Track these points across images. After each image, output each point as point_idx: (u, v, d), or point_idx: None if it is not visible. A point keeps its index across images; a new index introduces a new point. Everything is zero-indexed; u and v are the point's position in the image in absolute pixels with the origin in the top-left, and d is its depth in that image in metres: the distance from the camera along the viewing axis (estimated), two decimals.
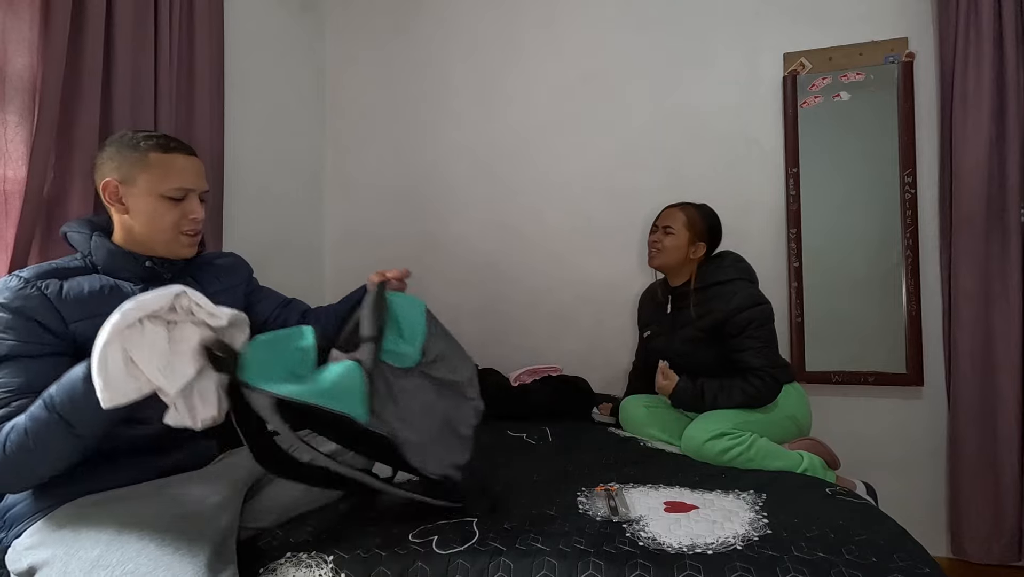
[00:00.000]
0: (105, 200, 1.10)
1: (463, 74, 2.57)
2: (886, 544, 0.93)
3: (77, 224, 1.14)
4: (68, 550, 0.89)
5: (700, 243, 1.77)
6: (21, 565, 0.92)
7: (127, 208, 1.09)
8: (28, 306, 0.97)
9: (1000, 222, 1.91)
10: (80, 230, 1.12)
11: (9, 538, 0.96)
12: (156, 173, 1.08)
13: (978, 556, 1.92)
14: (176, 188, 1.09)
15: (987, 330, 1.91)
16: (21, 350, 0.96)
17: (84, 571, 0.86)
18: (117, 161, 1.09)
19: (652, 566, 0.87)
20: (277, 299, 1.45)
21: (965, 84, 1.92)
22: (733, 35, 2.25)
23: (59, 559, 0.89)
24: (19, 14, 1.40)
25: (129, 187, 1.08)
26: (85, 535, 0.91)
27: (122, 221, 1.11)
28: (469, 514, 1.05)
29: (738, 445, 1.47)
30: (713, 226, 1.81)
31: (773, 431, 1.59)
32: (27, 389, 0.94)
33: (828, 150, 2.13)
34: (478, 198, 2.53)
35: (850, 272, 2.11)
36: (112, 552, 0.87)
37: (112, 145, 1.11)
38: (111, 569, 0.85)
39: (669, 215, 1.80)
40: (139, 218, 1.09)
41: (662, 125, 2.32)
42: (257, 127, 2.25)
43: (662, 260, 1.79)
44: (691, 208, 1.81)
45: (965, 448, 1.94)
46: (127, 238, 1.12)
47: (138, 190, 1.08)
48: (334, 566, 0.92)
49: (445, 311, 2.54)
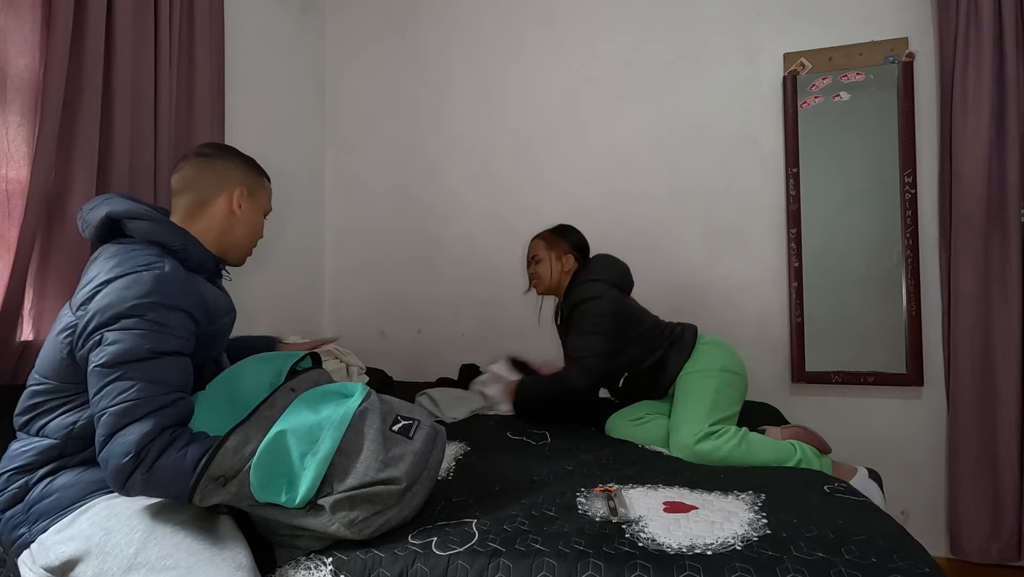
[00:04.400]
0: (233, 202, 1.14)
1: (463, 74, 2.57)
2: (886, 544, 0.93)
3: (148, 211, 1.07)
4: (103, 547, 0.89)
5: (566, 256, 1.83)
6: (52, 560, 0.91)
7: (240, 215, 1.16)
8: (188, 305, 0.98)
9: (1000, 222, 1.91)
10: (162, 219, 1.07)
11: (34, 533, 0.95)
12: (265, 194, 1.23)
13: (977, 556, 1.92)
14: (269, 211, 1.25)
15: (987, 330, 1.91)
16: (180, 347, 0.96)
17: (122, 569, 0.86)
18: (245, 174, 1.18)
19: (652, 567, 0.87)
20: None
21: (965, 84, 1.92)
22: (733, 35, 2.25)
23: (94, 555, 0.89)
24: (21, 15, 1.40)
25: (249, 199, 1.18)
26: (117, 530, 0.91)
27: (224, 223, 1.14)
28: (468, 515, 1.05)
29: (728, 441, 1.49)
30: (571, 238, 1.87)
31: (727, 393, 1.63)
32: (187, 389, 0.96)
33: (828, 150, 2.13)
34: (478, 198, 2.54)
35: (850, 272, 2.11)
36: (150, 547, 0.88)
37: (234, 158, 1.19)
38: (151, 565, 0.86)
39: (532, 246, 1.89)
40: (244, 227, 1.18)
41: (662, 125, 2.32)
42: (257, 127, 2.26)
43: (544, 286, 1.86)
44: (545, 232, 1.90)
45: (965, 448, 1.94)
46: (212, 236, 1.13)
47: (254, 204, 1.20)
48: (333, 568, 0.92)
49: (445, 311, 2.57)
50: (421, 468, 1.01)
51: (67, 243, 1.46)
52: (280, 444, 0.92)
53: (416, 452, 1.00)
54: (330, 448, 0.92)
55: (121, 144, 1.58)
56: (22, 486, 0.97)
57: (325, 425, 0.94)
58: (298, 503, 0.90)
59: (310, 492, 0.90)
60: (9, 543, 0.97)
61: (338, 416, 0.96)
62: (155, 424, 0.89)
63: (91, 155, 1.50)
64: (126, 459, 0.87)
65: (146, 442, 0.88)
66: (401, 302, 2.63)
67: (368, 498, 0.92)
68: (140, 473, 0.88)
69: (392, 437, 0.99)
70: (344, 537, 0.93)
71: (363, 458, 0.94)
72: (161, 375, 0.92)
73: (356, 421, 0.96)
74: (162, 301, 0.94)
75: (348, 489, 0.91)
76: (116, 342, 0.91)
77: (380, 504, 0.94)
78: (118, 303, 0.92)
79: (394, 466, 0.96)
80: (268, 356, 1.14)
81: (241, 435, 0.92)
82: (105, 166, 1.55)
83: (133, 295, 0.92)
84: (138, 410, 0.89)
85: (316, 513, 0.92)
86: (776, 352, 2.17)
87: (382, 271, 2.67)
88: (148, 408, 0.89)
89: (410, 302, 2.62)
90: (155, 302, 0.93)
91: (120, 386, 0.89)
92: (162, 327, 0.93)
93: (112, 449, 0.88)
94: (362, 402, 1.00)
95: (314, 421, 0.95)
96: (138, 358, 0.91)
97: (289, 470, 0.91)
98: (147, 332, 0.92)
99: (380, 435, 0.97)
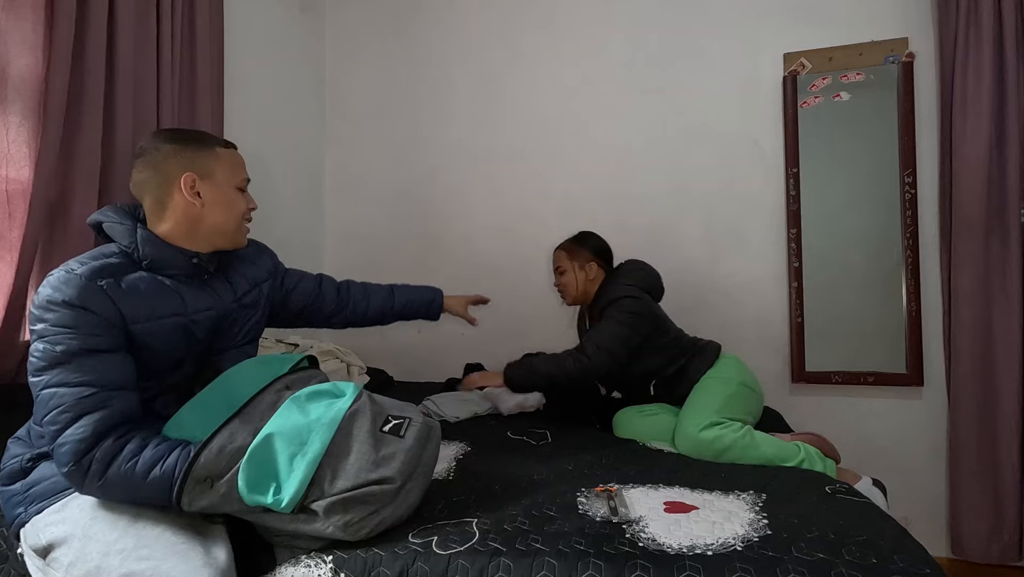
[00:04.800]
0: (184, 193, 1.07)
1: (463, 74, 2.57)
2: (886, 545, 0.93)
3: (114, 213, 1.07)
4: (86, 531, 0.91)
5: (589, 264, 1.85)
6: (39, 541, 0.94)
7: (203, 201, 1.08)
8: (92, 303, 0.94)
9: (1000, 222, 1.91)
10: (121, 220, 1.06)
11: (29, 514, 0.98)
12: (225, 166, 1.12)
13: (978, 556, 1.92)
14: (243, 179, 1.15)
15: (987, 330, 1.91)
16: (91, 344, 0.93)
17: (100, 553, 0.88)
18: (186, 157, 1.08)
19: (652, 567, 0.87)
20: (310, 281, 1.44)
21: (965, 84, 1.92)
22: (733, 35, 2.25)
23: (77, 538, 0.91)
24: (22, 16, 1.40)
25: (206, 180, 1.09)
26: (103, 518, 0.93)
27: (189, 214, 1.08)
28: (469, 514, 1.05)
29: (733, 433, 1.49)
30: (594, 245, 1.88)
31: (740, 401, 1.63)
32: (110, 384, 0.93)
33: (828, 150, 2.13)
34: (478, 198, 2.54)
35: (850, 272, 2.11)
36: (129, 536, 0.90)
37: (169, 143, 1.08)
38: (126, 553, 0.87)
39: (555, 258, 1.91)
40: (216, 209, 1.10)
41: (662, 125, 2.33)
42: (257, 127, 2.26)
43: (571, 297, 1.88)
44: (567, 242, 1.91)
45: (965, 448, 1.94)
46: (182, 231, 1.08)
47: (216, 182, 1.10)
48: (333, 566, 0.92)
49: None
50: (414, 465, 1.00)
51: (70, 243, 1.46)
52: (269, 446, 0.92)
53: (408, 449, 0.99)
54: (319, 450, 0.92)
55: (123, 144, 1.58)
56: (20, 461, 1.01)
57: (314, 427, 0.94)
58: (285, 505, 0.89)
59: (298, 494, 0.89)
60: (9, 522, 1.00)
61: (328, 418, 0.96)
62: (89, 430, 0.89)
63: (93, 156, 1.50)
64: (68, 468, 0.89)
65: (84, 450, 0.89)
66: None
67: (361, 499, 0.92)
68: (92, 482, 0.89)
69: (383, 437, 0.99)
70: (340, 539, 0.93)
71: (353, 460, 0.94)
72: (80, 376, 0.91)
73: (345, 423, 0.96)
74: (59, 300, 0.92)
75: (340, 492, 0.91)
76: (33, 353, 0.92)
77: (374, 504, 0.94)
78: (33, 308, 0.93)
79: (386, 465, 0.95)
80: (266, 359, 1.13)
81: (226, 433, 0.93)
82: (107, 167, 1.55)
83: (39, 300, 0.93)
84: (64, 417, 0.89)
85: (310, 518, 0.92)
86: (776, 352, 2.17)
87: (382, 271, 2.65)
88: (74, 413, 0.90)
89: None
90: (52, 302, 0.92)
91: (46, 395, 0.90)
92: (66, 328, 0.91)
93: (57, 458, 0.91)
94: (352, 403, 0.99)
95: (303, 423, 0.95)
96: (53, 363, 0.91)
97: (277, 472, 0.91)
98: (53, 335, 0.91)
99: (370, 436, 0.97)
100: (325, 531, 0.92)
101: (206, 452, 0.90)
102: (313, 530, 0.92)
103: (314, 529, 0.92)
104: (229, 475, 0.90)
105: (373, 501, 0.94)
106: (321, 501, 0.91)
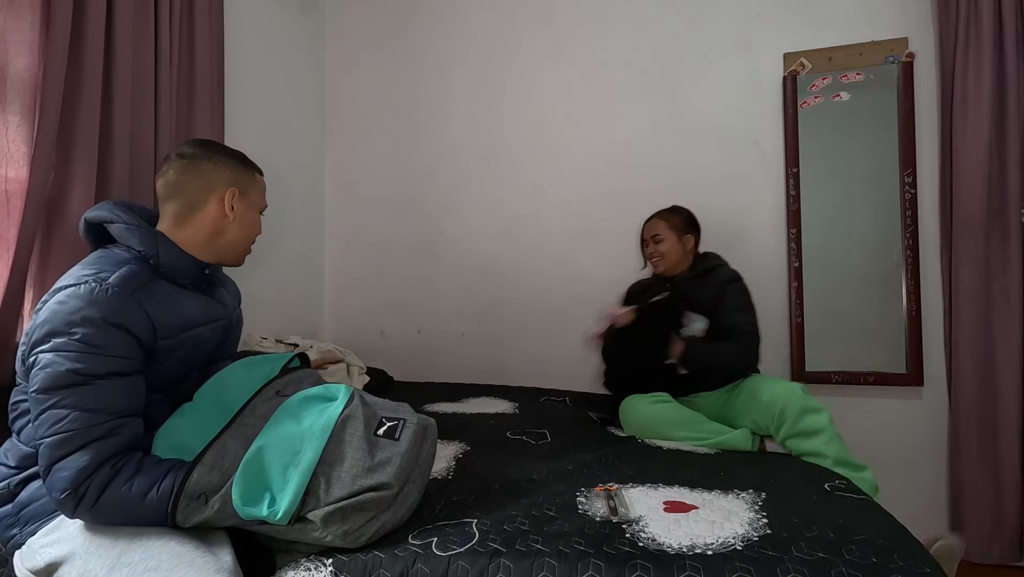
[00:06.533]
0: (224, 205, 1.09)
1: (462, 75, 2.57)
2: (886, 544, 0.93)
3: (123, 213, 1.03)
4: (87, 548, 0.89)
5: (687, 235, 1.89)
6: (38, 562, 0.91)
7: (234, 216, 1.11)
8: (131, 321, 0.91)
9: (1000, 222, 1.91)
10: (136, 223, 1.03)
11: (23, 535, 0.95)
12: (258, 191, 1.18)
13: (978, 556, 1.91)
14: (265, 205, 1.21)
15: (987, 330, 1.91)
16: (117, 367, 0.90)
17: (106, 568, 0.86)
18: (234, 173, 1.12)
19: (652, 567, 0.87)
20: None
21: (965, 84, 1.92)
22: (733, 35, 2.25)
23: (78, 557, 0.88)
24: (20, 15, 1.40)
25: (242, 199, 1.13)
26: (103, 531, 0.90)
27: (217, 226, 1.09)
28: (469, 515, 1.05)
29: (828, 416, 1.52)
30: (689, 217, 1.93)
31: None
32: (123, 411, 0.91)
33: (828, 150, 2.13)
34: (478, 199, 2.54)
35: (850, 272, 2.11)
36: (133, 549, 0.87)
37: (223, 155, 1.13)
38: (133, 566, 0.85)
39: (652, 226, 1.93)
40: (241, 227, 1.14)
41: (661, 125, 2.32)
42: (257, 127, 2.26)
43: (666, 265, 1.89)
44: (665, 212, 1.94)
45: (965, 448, 1.94)
46: (200, 241, 1.08)
47: (248, 203, 1.15)
48: (333, 569, 0.91)
49: (444, 312, 2.57)
50: (411, 468, 1.00)
51: (67, 243, 1.46)
52: (260, 458, 0.91)
53: (403, 453, 0.98)
54: (312, 459, 0.91)
55: (121, 144, 1.57)
56: (7, 486, 0.97)
57: (307, 435, 0.93)
58: (280, 517, 0.87)
59: (293, 505, 0.88)
60: (3, 543, 0.97)
61: (319, 425, 0.95)
62: (92, 458, 0.87)
63: (91, 155, 1.50)
64: (63, 495, 0.87)
65: (83, 478, 0.86)
66: (401, 302, 2.63)
67: (359, 507, 0.91)
68: (84, 509, 0.87)
69: (377, 441, 0.98)
70: (340, 547, 0.93)
71: (347, 467, 0.93)
72: (98, 401, 0.88)
73: (338, 429, 0.95)
74: (94, 318, 0.88)
75: (336, 500, 0.90)
76: (47, 366, 0.87)
77: (372, 511, 0.93)
78: (52, 319, 0.89)
79: (381, 471, 0.94)
80: (255, 360, 1.13)
81: (218, 448, 0.92)
82: (105, 166, 1.55)
83: (66, 311, 0.88)
84: (71, 443, 0.87)
85: (308, 529, 0.91)
86: (776, 352, 2.17)
87: (382, 271, 2.67)
88: (83, 440, 0.87)
89: (410, 302, 2.62)
90: (86, 318, 0.88)
91: (54, 415, 0.87)
92: (94, 348, 0.88)
93: (51, 483, 0.87)
94: (344, 408, 0.98)
95: (295, 431, 0.94)
96: (70, 384, 0.87)
97: (270, 484, 0.90)
98: (78, 353, 0.87)
99: (364, 442, 0.96)
100: (324, 540, 0.91)
101: (198, 469, 0.89)
102: (313, 540, 0.92)
103: (314, 539, 0.92)
104: (223, 491, 0.88)
105: (371, 508, 0.93)
106: (318, 511, 0.90)
